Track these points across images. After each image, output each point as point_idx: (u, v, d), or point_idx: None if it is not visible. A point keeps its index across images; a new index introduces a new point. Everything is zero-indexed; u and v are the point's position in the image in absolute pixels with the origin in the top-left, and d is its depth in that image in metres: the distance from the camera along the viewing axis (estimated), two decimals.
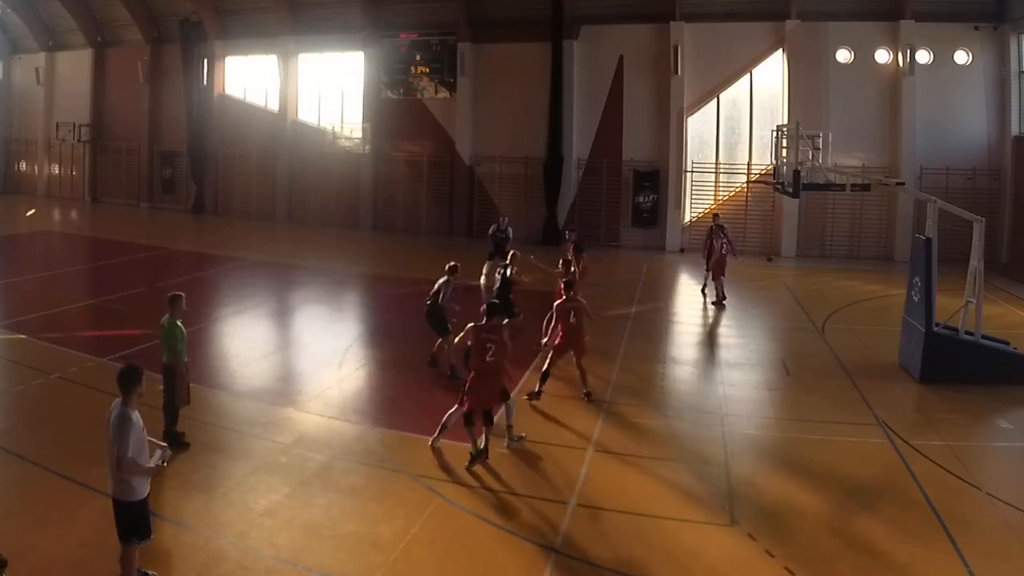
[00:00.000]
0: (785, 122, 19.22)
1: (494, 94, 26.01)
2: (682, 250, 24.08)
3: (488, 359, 8.31)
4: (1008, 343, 11.58)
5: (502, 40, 25.62)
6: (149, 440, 5.86)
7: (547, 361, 10.41)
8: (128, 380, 5.69)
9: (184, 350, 8.38)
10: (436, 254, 22.80)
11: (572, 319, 10.27)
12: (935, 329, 11.31)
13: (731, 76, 23.97)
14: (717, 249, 16.44)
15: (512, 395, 8.89)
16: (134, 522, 5.71)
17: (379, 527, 6.95)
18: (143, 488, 5.73)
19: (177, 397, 8.35)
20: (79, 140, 33.52)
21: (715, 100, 24.31)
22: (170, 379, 8.36)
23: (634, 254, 23.34)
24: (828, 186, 13.53)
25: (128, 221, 28.96)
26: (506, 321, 9.38)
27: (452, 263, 11.40)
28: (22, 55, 35.67)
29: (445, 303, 11.21)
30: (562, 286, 10.95)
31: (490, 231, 17.98)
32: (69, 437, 8.63)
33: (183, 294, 8.61)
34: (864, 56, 22.76)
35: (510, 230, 18.03)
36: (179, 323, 8.43)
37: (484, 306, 9.36)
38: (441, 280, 11.27)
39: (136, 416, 5.66)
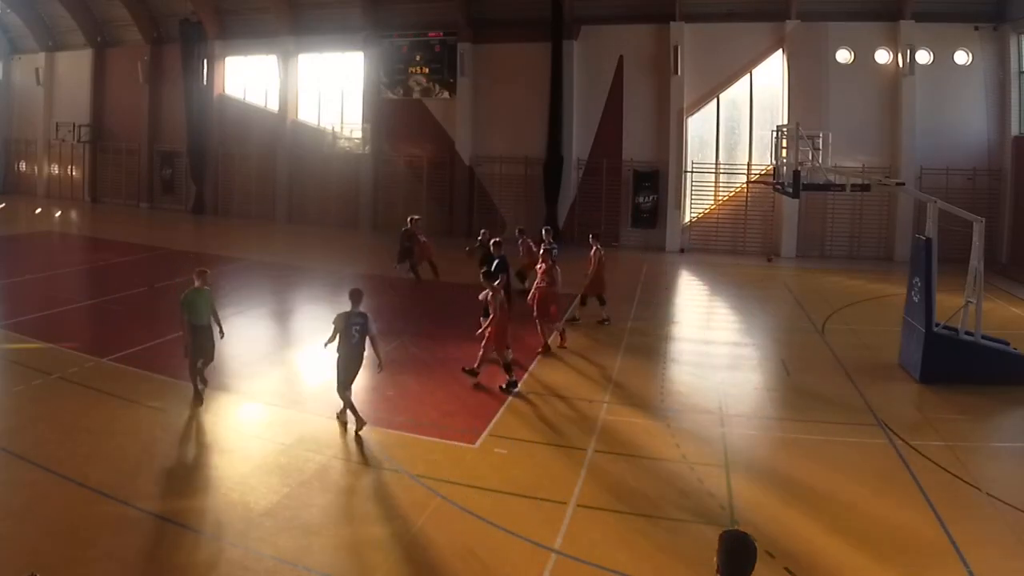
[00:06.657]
0: (785, 122, 19.21)
1: (494, 94, 26.02)
2: (682, 250, 24.08)
3: None
4: (1008, 343, 11.57)
5: (502, 40, 25.63)
6: None
7: None
8: None
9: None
10: (436, 254, 22.86)
11: None
12: (935, 329, 11.32)
13: (731, 76, 23.97)
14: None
15: None
16: None
17: (379, 527, 6.95)
18: None
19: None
20: (79, 140, 33.52)
21: (715, 100, 24.33)
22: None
23: (634, 254, 23.31)
24: (828, 186, 13.53)
25: (128, 221, 28.94)
26: None
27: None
28: (22, 55, 35.70)
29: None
30: None
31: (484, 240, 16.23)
32: (69, 437, 8.63)
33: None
34: (864, 56, 22.76)
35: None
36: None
37: None
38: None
39: None
